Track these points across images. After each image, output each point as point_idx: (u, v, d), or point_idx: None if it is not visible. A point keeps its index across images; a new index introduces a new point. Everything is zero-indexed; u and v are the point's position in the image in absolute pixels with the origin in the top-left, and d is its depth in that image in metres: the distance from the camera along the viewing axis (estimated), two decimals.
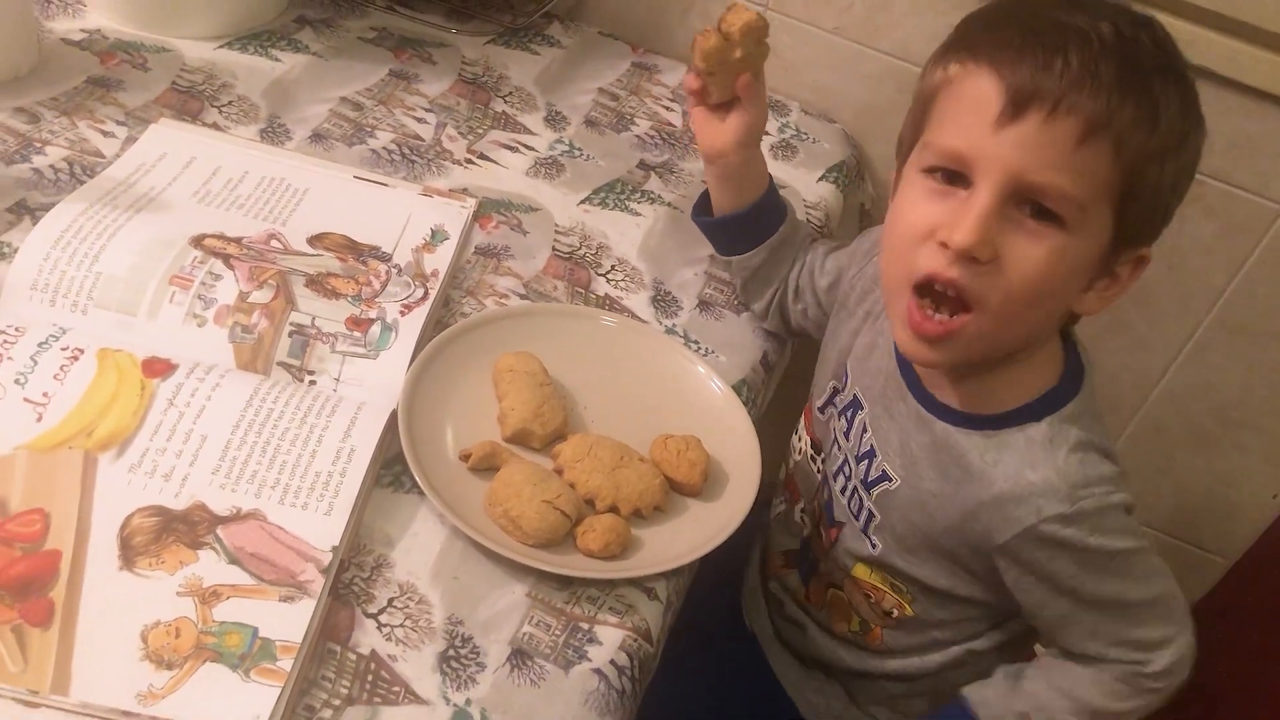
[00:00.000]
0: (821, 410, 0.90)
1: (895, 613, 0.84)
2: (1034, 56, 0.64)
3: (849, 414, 0.85)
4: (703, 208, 0.95)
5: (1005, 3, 0.71)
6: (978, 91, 0.66)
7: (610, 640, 0.68)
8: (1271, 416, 1.28)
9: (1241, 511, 1.35)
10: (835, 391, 0.88)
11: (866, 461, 0.82)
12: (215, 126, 0.97)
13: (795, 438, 0.95)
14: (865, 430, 0.82)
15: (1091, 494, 0.71)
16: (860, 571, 0.85)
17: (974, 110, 0.66)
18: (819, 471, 0.90)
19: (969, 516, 0.74)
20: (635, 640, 0.69)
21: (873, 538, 0.82)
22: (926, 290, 0.69)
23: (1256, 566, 0.96)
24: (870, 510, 0.82)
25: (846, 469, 0.84)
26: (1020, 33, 0.65)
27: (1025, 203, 0.65)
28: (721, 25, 0.82)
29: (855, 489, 0.83)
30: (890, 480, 0.80)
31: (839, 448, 0.86)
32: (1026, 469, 0.71)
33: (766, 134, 1.20)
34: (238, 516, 0.66)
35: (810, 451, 0.92)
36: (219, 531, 0.65)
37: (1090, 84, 0.63)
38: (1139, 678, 0.75)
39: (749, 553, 1.02)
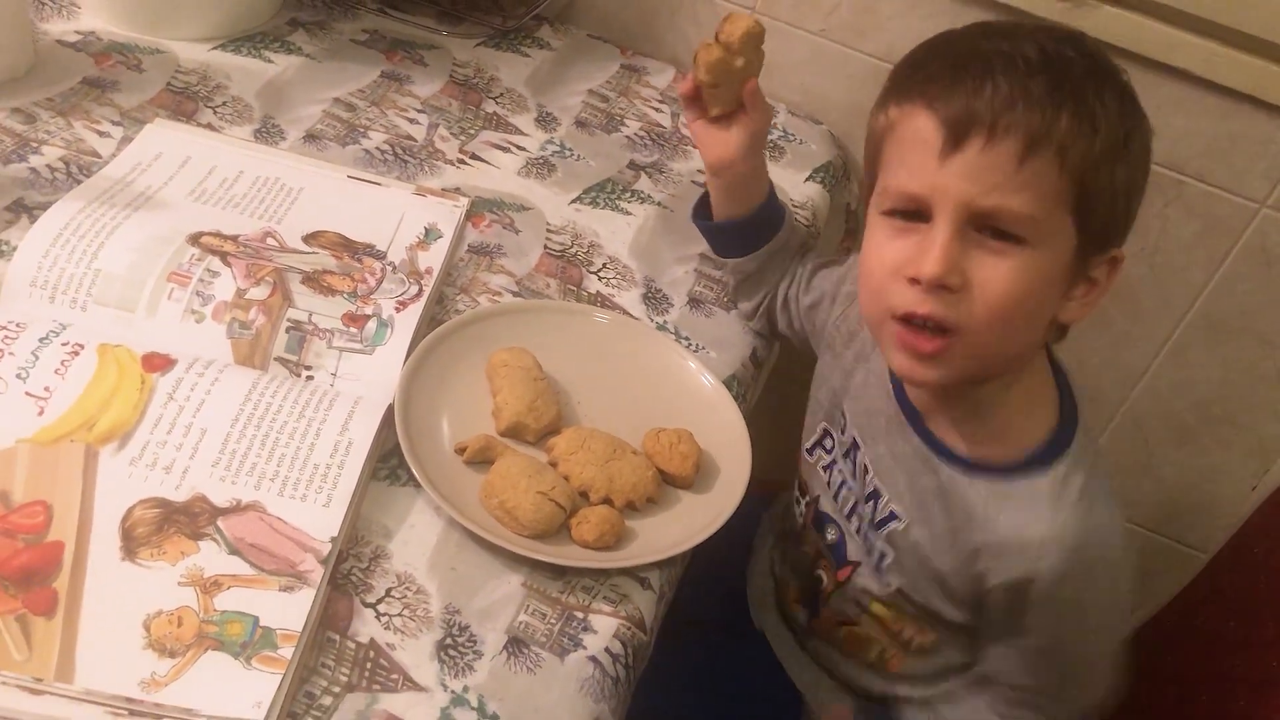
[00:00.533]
0: (810, 452, 0.90)
1: (916, 642, 0.85)
2: (963, 85, 0.66)
3: (853, 455, 0.85)
4: (702, 210, 0.96)
5: (928, 43, 0.73)
6: (917, 130, 0.68)
7: (605, 629, 0.69)
8: (1251, 412, 1.30)
9: (1221, 506, 1.37)
10: (826, 433, 0.89)
11: (872, 502, 0.82)
12: (210, 127, 0.98)
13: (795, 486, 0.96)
14: (867, 471, 0.83)
15: (1088, 550, 0.72)
16: (878, 609, 0.85)
17: (917, 149, 0.68)
18: (801, 515, 0.91)
19: (970, 558, 0.76)
20: (629, 628, 0.70)
21: (887, 576, 0.82)
22: (909, 321, 0.70)
23: (1235, 558, 0.98)
24: (882, 550, 0.82)
25: (860, 510, 0.84)
26: (946, 67, 0.68)
27: (984, 227, 0.67)
28: (720, 36, 0.83)
29: (866, 529, 0.84)
30: (899, 520, 0.80)
31: (848, 489, 0.86)
32: (1030, 522, 0.72)
33: None
34: (238, 508, 0.67)
35: (796, 494, 0.93)
36: (219, 523, 0.66)
37: (1022, 102, 0.64)
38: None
39: (755, 564, 1.02)
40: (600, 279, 0.95)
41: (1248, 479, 1.35)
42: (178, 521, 0.66)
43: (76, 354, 0.72)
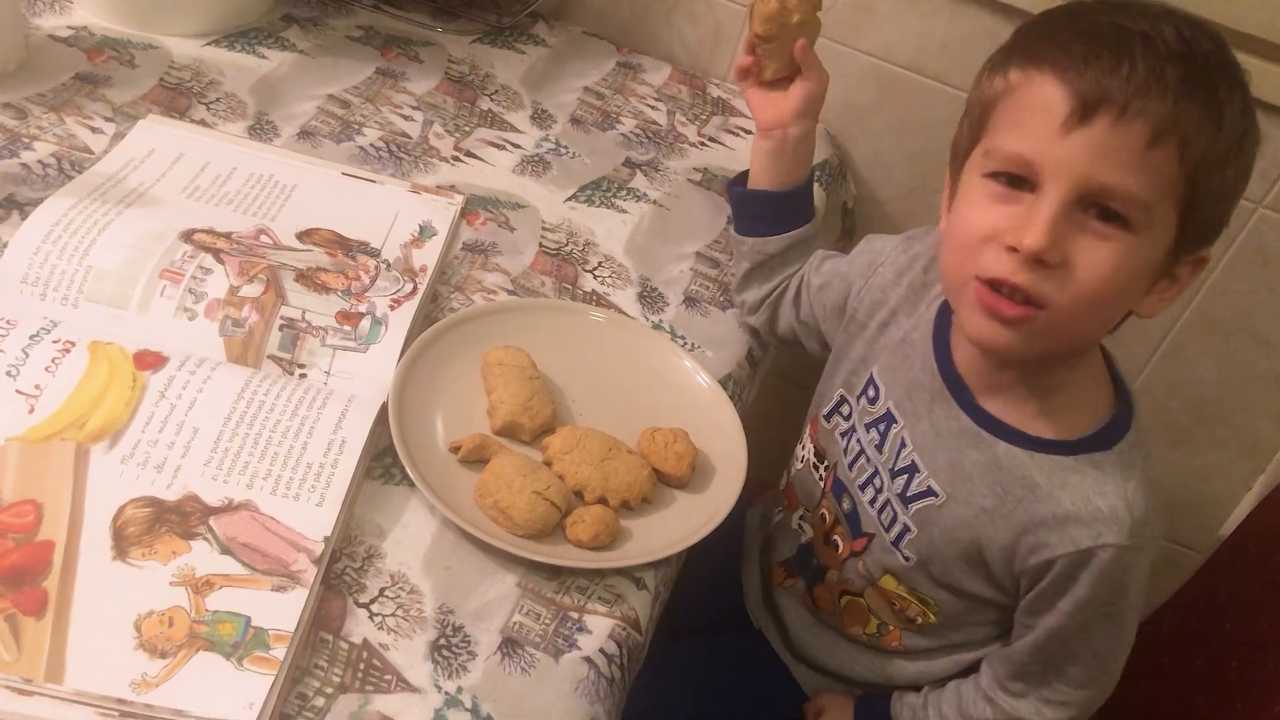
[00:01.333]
0: (827, 418, 0.90)
1: (919, 620, 0.85)
2: (1100, 61, 0.65)
3: (880, 427, 0.84)
4: (739, 181, 0.96)
5: (1062, 9, 0.72)
6: (1042, 97, 0.67)
7: (600, 629, 0.69)
8: (1246, 412, 1.30)
9: (1217, 506, 1.37)
10: (842, 400, 0.89)
11: (906, 477, 0.81)
12: (203, 123, 0.98)
13: (799, 447, 0.95)
14: (904, 445, 0.82)
15: (1146, 534, 0.73)
16: (888, 583, 0.85)
17: (1039, 115, 0.67)
18: (822, 479, 0.91)
19: (1024, 532, 0.75)
20: (624, 629, 0.70)
21: (905, 551, 0.82)
22: (996, 287, 0.69)
23: (1231, 558, 0.98)
24: (906, 524, 0.82)
25: (878, 481, 0.84)
26: (1082, 38, 0.66)
27: (1092, 206, 0.66)
28: None
29: (889, 502, 0.83)
30: (936, 496, 0.80)
31: (867, 459, 0.85)
32: (1096, 496, 0.73)
33: (750, 132, 1.21)
34: (230, 507, 0.67)
35: (813, 460, 0.92)
36: (211, 522, 0.66)
37: (1156, 87, 0.64)
38: None
39: (746, 565, 1.02)
40: (595, 277, 0.95)
41: (1243, 479, 1.35)
42: (169, 521, 0.65)
43: (68, 351, 0.71)
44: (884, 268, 0.87)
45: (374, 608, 0.66)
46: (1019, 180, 0.68)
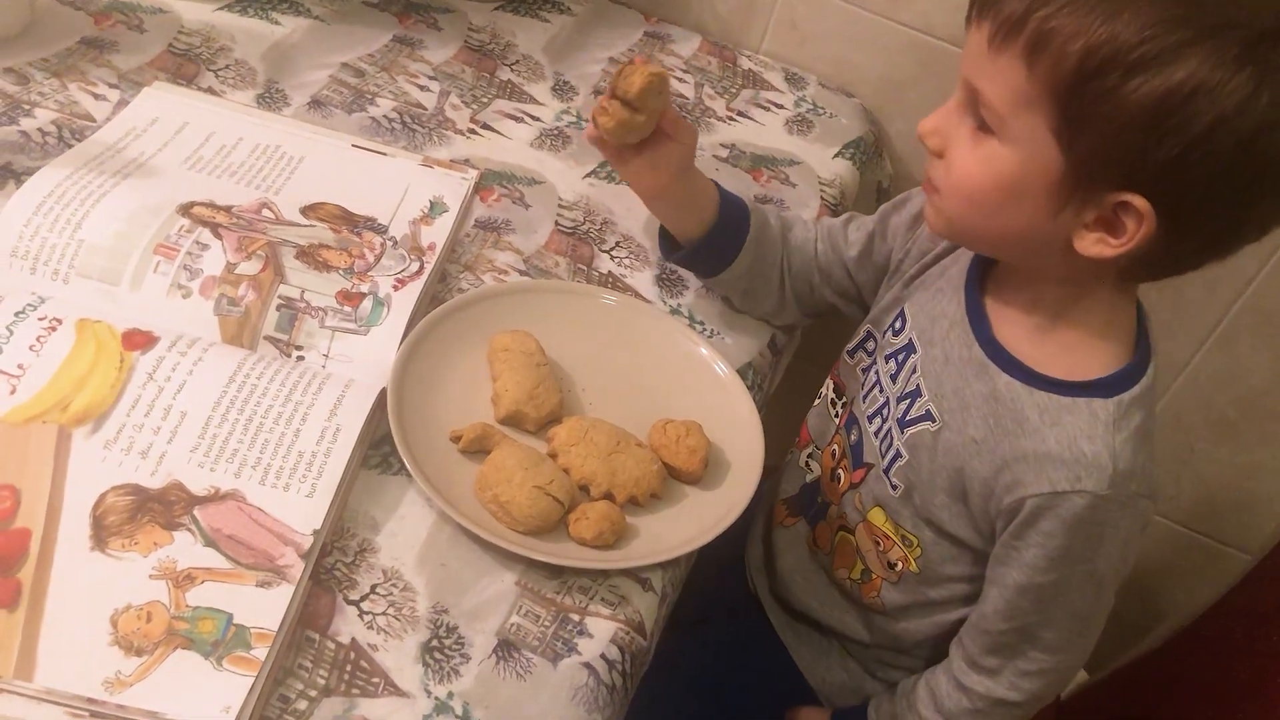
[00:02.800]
0: (851, 354, 0.89)
1: (899, 566, 0.82)
2: None
3: (899, 357, 0.82)
4: (669, 244, 0.90)
5: None
6: None
7: (601, 633, 0.65)
8: None
9: (1265, 504, 1.32)
10: (869, 335, 0.87)
11: (909, 401, 0.80)
12: (211, 91, 0.94)
13: (824, 387, 0.93)
14: (915, 371, 0.80)
15: (1128, 489, 0.70)
16: (876, 516, 0.83)
17: None
18: (838, 415, 0.89)
19: (1004, 467, 0.73)
20: (627, 633, 0.66)
21: (893, 479, 0.80)
22: None
23: (1276, 567, 0.93)
24: (899, 450, 0.80)
25: (885, 411, 0.82)
26: None
27: (974, 107, 0.67)
28: (617, 92, 0.77)
29: (890, 429, 0.81)
30: (932, 421, 0.78)
31: (880, 390, 0.84)
32: (1083, 439, 0.70)
33: (782, 107, 1.17)
34: (216, 497, 0.64)
35: (832, 396, 0.90)
36: (196, 512, 0.63)
37: None
38: (1000, 706, 0.79)
39: (756, 546, 0.99)
40: (612, 258, 0.91)
41: None
42: (152, 510, 0.62)
43: (54, 329, 0.68)
44: None
45: (364, 606, 0.63)
46: None
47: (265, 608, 0.60)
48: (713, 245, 0.87)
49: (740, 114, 1.14)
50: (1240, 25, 0.58)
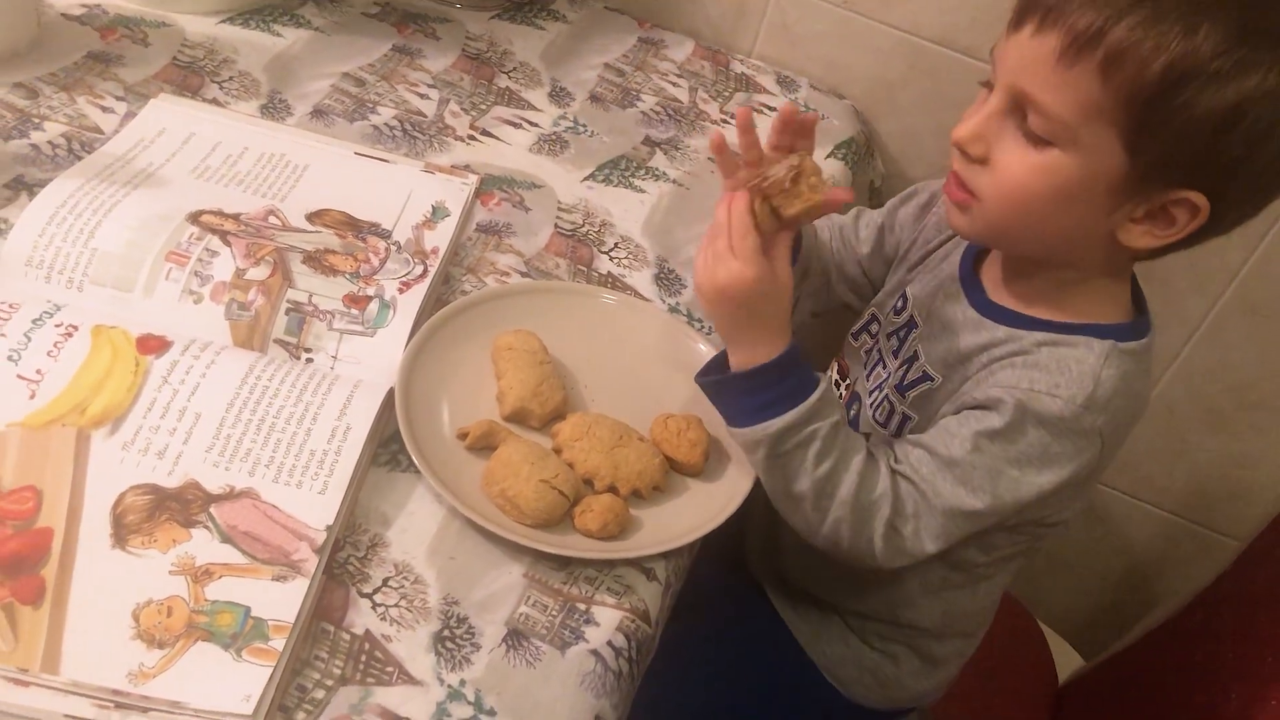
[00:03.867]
0: (855, 337, 0.91)
1: None
2: None
3: (901, 334, 0.85)
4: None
5: None
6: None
7: (608, 621, 0.67)
8: None
9: (1256, 493, 1.34)
10: (873, 318, 0.89)
11: (906, 366, 0.82)
12: (215, 102, 0.96)
13: (829, 370, 0.95)
14: (915, 343, 0.83)
15: (1094, 420, 0.70)
16: None
17: (1007, 18, 0.68)
18: (841, 397, 0.90)
19: (989, 376, 0.74)
20: (633, 621, 0.68)
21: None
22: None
23: (1266, 551, 0.94)
24: (905, 414, 0.81)
25: (884, 383, 0.84)
26: None
27: (1022, 112, 0.67)
28: (771, 200, 0.73)
29: (887, 396, 0.83)
30: (931, 380, 0.79)
31: (883, 366, 0.86)
32: (1072, 360, 0.71)
33: (775, 110, 1.19)
34: (231, 495, 0.66)
35: (835, 378, 0.92)
36: (212, 510, 0.65)
37: (1085, 1, 0.62)
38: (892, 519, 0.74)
39: (757, 523, 1.01)
40: (611, 259, 0.93)
41: None
42: (170, 508, 0.64)
43: (70, 335, 0.70)
44: (939, 207, 0.87)
45: (377, 598, 0.65)
46: (990, 83, 0.70)
47: (282, 601, 0.62)
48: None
49: (734, 117, 1.16)
50: None
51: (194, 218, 0.80)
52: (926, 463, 0.73)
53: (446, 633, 0.64)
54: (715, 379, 0.75)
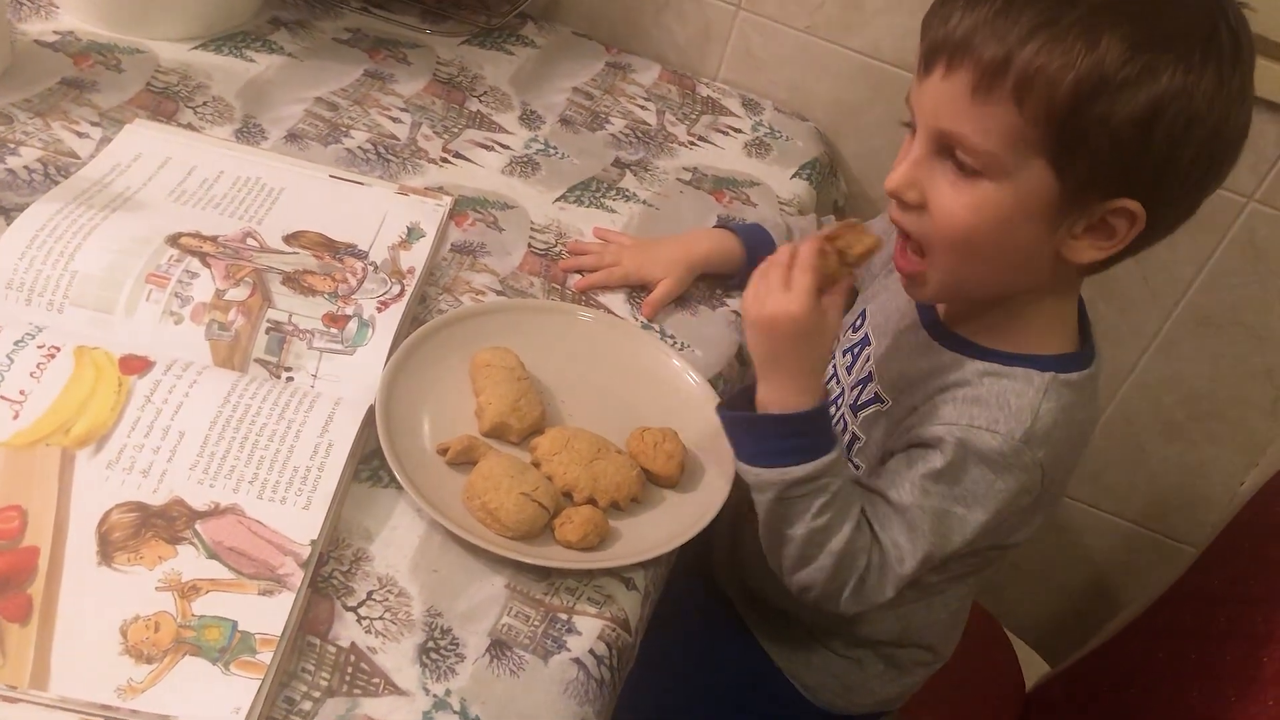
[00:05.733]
0: None
1: None
2: (945, 10, 0.67)
3: (855, 350, 0.87)
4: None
5: None
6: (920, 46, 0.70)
7: (589, 630, 0.69)
8: (1239, 406, 1.30)
9: (1211, 501, 1.38)
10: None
11: (860, 387, 0.84)
12: (190, 127, 0.97)
13: None
14: (868, 361, 0.84)
15: (1034, 454, 0.72)
16: None
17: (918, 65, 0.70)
18: None
19: (931, 411, 0.75)
20: (614, 630, 0.69)
21: (855, 460, 0.84)
22: (904, 236, 0.74)
23: (1225, 552, 0.98)
24: (855, 433, 0.83)
25: (840, 400, 0.86)
26: None
27: (948, 151, 0.68)
28: (841, 250, 0.74)
29: (843, 415, 0.85)
30: (882, 403, 0.81)
31: (836, 381, 0.87)
32: (1012, 394, 0.73)
33: (740, 131, 1.22)
34: (216, 511, 0.66)
35: None
36: (197, 526, 0.65)
37: (985, 35, 0.64)
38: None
39: (722, 539, 1.02)
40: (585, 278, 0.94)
41: (1237, 474, 1.35)
42: (155, 525, 0.65)
43: (53, 356, 0.71)
44: None
45: (361, 611, 0.66)
46: (911, 124, 0.72)
47: (268, 614, 0.62)
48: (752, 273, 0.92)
49: (701, 139, 1.19)
50: (1191, 30, 0.64)
51: (173, 240, 0.81)
52: (892, 520, 0.75)
53: (431, 644, 0.65)
54: (745, 415, 0.75)
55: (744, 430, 0.76)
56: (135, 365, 0.72)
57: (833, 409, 0.86)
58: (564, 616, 0.69)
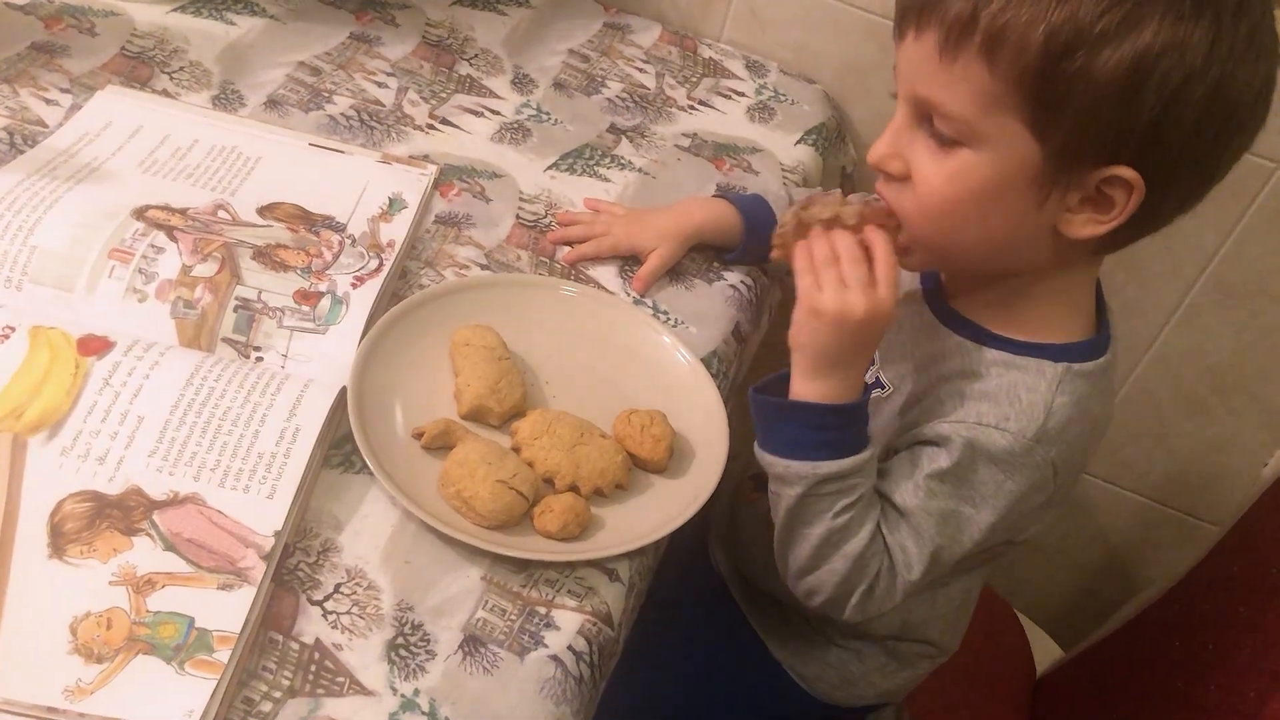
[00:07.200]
0: None
1: None
2: None
3: None
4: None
5: None
6: None
7: (569, 625, 0.65)
8: (1264, 380, 1.25)
9: (1234, 477, 1.33)
10: None
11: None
12: (165, 93, 0.94)
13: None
14: None
15: (1046, 452, 0.69)
16: None
17: None
18: None
19: (936, 405, 0.72)
20: (595, 624, 0.66)
21: None
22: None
23: (1243, 540, 0.93)
24: None
25: None
26: None
27: (927, 118, 0.65)
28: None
29: None
30: (883, 388, 0.78)
31: None
32: (1023, 389, 0.70)
33: (743, 95, 1.17)
34: (175, 501, 0.63)
35: None
36: (155, 517, 0.62)
37: None
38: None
39: (720, 515, 0.99)
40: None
41: (1260, 450, 1.30)
42: (110, 516, 0.62)
43: (7, 337, 0.67)
44: None
45: (328, 605, 0.63)
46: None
47: (227, 610, 0.59)
48: (750, 247, 0.91)
49: (702, 103, 1.14)
50: None
51: (139, 213, 0.77)
52: (898, 525, 0.71)
53: (400, 640, 0.62)
54: (782, 402, 0.71)
55: (780, 418, 0.72)
56: (94, 346, 0.69)
57: None
58: (542, 610, 0.66)
